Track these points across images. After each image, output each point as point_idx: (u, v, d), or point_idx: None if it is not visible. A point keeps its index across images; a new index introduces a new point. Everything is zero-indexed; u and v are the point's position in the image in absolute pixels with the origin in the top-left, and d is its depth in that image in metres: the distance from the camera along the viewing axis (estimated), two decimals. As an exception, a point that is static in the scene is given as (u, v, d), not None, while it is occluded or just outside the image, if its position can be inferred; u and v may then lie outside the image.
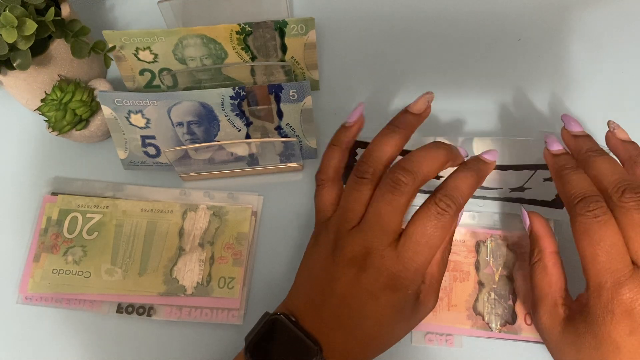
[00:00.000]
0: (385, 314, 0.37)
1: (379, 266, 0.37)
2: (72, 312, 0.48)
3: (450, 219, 0.37)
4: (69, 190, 0.52)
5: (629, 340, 0.34)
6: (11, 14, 0.42)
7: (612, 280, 0.34)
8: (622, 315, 0.34)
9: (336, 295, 0.38)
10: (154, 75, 0.53)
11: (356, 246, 0.38)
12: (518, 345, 0.45)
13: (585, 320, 0.36)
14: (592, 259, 0.35)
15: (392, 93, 0.56)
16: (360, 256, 0.37)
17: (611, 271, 0.35)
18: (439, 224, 0.37)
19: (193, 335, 0.47)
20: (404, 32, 0.59)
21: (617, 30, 0.58)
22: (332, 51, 0.58)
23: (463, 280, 0.46)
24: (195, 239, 0.49)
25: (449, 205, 0.37)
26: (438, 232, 0.37)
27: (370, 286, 0.37)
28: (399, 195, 0.37)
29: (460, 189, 0.38)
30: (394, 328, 0.39)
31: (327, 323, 0.38)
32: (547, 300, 0.39)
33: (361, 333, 0.38)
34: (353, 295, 0.37)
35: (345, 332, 0.37)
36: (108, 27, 0.60)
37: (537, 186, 0.46)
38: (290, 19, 0.49)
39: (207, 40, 0.50)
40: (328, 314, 0.38)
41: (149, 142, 0.50)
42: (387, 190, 0.37)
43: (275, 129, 0.50)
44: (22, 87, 0.50)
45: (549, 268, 0.39)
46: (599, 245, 0.35)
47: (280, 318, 0.38)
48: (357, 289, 0.37)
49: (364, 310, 0.37)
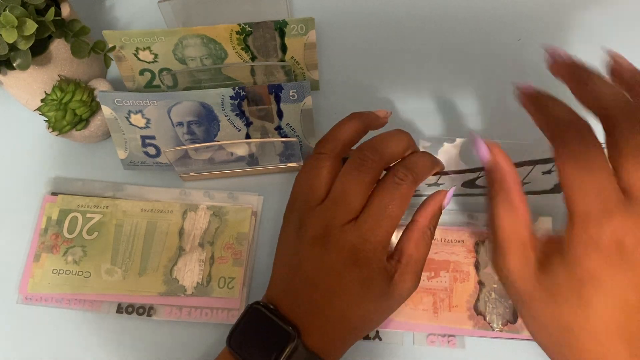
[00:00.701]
0: (352, 291, 0.37)
1: (341, 242, 0.37)
2: (72, 312, 0.47)
3: (408, 188, 0.37)
4: (69, 190, 0.52)
5: (617, 278, 0.30)
6: (11, 14, 0.42)
7: (600, 209, 0.30)
8: (610, 249, 0.30)
9: (306, 277, 0.38)
10: (154, 75, 0.53)
11: (319, 224, 0.38)
12: (520, 345, 0.45)
13: (564, 260, 0.32)
14: (579, 186, 0.31)
15: (391, 93, 0.56)
16: (324, 234, 0.37)
17: (600, 199, 0.30)
18: (396, 193, 0.37)
19: (193, 335, 0.46)
20: (404, 33, 0.59)
21: (617, 30, 0.58)
22: (332, 51, 0.58)
23: (463, 280, 0.46)
24: (195, 239, 0.49)
25: (406, 174, 0.37)
26: (396, 202, 0.37)
27: (334, 263, 0.37)
28: (365, 172, 0.38)
29: (418, 164, 0.39)
30: (366, 308, 0.38)
31: (302, 306, 0.38)
32: (515, 243, 0.34)
33: (333, 313, 0.37)
34: (320, 275, 0.37)
35: (319, 313, 0.37)
36: (108, 27, 0.60)
37: (536, 180, 0.45)
38: (290, 19, 0.49)
39: (207, 40, 0.49)
40: (302, 296, 0.38)
41: (149, 142, 0.50)
42: (354, 167, 0.38)
43: (275, 129, 0.50)
44: (22, 87, 0.50)
45: (516, 204, 0.35)
46: (586, 170, 0.31)
47: (257, 307, 0.38)
48: (323, 268, 0.37)
49: (332, 288, 0.37)
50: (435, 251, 0.47)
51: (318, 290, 0.37)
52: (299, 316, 0.38)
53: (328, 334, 0.38)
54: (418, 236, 0.40)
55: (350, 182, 0.38)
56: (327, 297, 0.37)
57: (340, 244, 0.37)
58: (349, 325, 0.38)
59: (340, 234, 0.37)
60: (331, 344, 0.38)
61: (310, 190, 0.39)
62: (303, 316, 0.38)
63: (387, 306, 0.40)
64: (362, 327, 0.39)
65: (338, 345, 0.39)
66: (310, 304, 0.38)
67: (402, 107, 0.55)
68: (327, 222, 0.38)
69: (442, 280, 0.46)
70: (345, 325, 0.38)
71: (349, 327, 0.38)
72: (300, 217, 0.39)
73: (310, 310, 0.38)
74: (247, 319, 0.38)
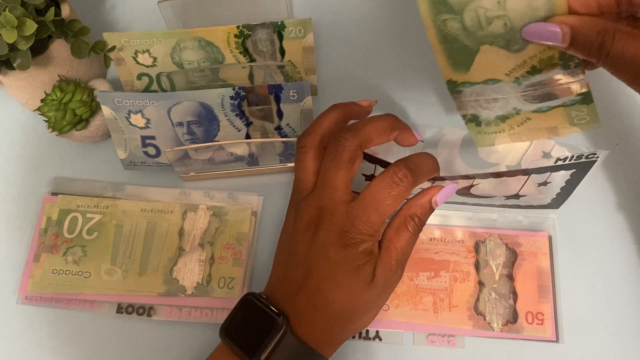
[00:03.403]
0: (338, 273, 0.37)
1: (329, 223, 0.38)
2: (72, 312, 0.47)
3: (404, 189, 0.38)
4: (69, 190, 0.52)
5: None
6: (11, 14, 0.42)
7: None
8: None
9: (298, 261, 0.39)
10: (151, 80, 0.53)
11: (311, 210, 0.39)
12: (520, 345, 0.45)
13: None
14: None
15: (390, 96, 0.55)
16: (316, 216, 0.39)
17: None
18: (392, 192, 0.37)
19: (193, 335, 0.46)
20: (403, 34, 0.59)
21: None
22: (330, 55, 0.58)
23: (463, 280, 0.46)
24: (195, 239, 0.49)
25: (406, 176, 0.38)
26: (389, 200, 0.37)
27: (322, 244, 0.38)
28: (342, 151, 0.38)
29: (420, 167, 0.39)
30: (353, 293, 0.38)
31: (293, 293, 0.39)
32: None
33: (320, 297, 0.38)
34: (310, 257, 0.38)
35: (308, 301, 0.38)
36: (108, 27, 0.60)
37: (532, 192, 0.45)
38: (289, 20, 0.49)
39: (205, 43, 0.50)
40: (293, 283, 0.39)
41: (149, 142, 0.50)
42: (331, 149, 0.39)
43: (275, 129, 0.50)
44: (22, 87, 0.50)
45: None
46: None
47: (250, 297, 0.39)
48: (312, 250, 0.38)
49: (319, 271, 0.38)
50: (435, 251, 0.47)
51: (308, 273, 0.38)
52: (289, 304, 0.38)
53: (317, 322, 0.38)
54: (399, 223, 0.40)
55: (330, 164, 0.39)
56: (316, 280, 0.38)
57: (330, 226, 0.38)
58: (337, 313, 0.38)
59: (330, 216, 0.38)
60: (321, 334, 0.38)
61: (299, 183, 0.41)
62: (294, 304, 0.38)
63: (372, 293, 0.39)
64: (351, 317, 0.39)
65: (328, 337, 0.39)
66: (299, 290, 0.38)
67: (401, 111, 0.55)
68: (318, 205, 0.39)
69: (442, 280, 0.46)
70: (334, 314, 0.38)
71: (337, 316, 0.38)
72: (296, 208, 0.40)
73: (300, 299, 0.38)
74: (239, 309, 0.39)
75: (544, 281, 0.46)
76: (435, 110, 0.54)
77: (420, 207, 0.40)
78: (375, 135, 0.40)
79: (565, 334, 0.45)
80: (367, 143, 0.40)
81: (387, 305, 0.46)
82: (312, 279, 0.38)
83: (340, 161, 0.38)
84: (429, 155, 0.40)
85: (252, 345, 0.37)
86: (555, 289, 0.46)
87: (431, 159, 0.40)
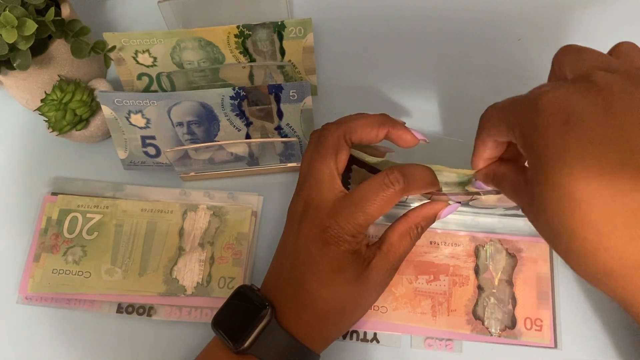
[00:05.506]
0: (322, 270, 0.38)
1: (314, 217, 0.38)
2: (72, 312, 0.48)
3: (394, 194, 0.37)
4: (69, 190, 0.52)
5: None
6: (11, 14, 0.42)
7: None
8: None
9: (285, 254, 0.40)
10: (151, 80, 0.53)
11: (299, 202, 0.40)
12: (518, 350, 0.45)
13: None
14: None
15: (390, 97, 0.55)
16: (301, 211, 0.39)
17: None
18: (381, 194, 0.37)
19: (193, 335, 0.47)
20: (403, 34, 0.59)
21: (617, 31, 0.57)
22: (330, 55, 0.58)
23: (462, 284, 0.46)
24: (195, 239, 0.49)
25: (398, 180, 0.37)
26: (378, 202, 0.37)
27: (305, 238, 0.38)
28: (324, 140, 0.39)
29: (414, 175, 0.38)
30: (337, 290, 0.38)
31: (280, 285, 0.39)
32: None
33: (305, 292, 0.38)
34: (295, 250, 0.39)
35: (293, 293, 0.39)
36: (108, 27, 0.60)
37: None
38: (289, 20, 0.48)
39: (205, 43, 0.49)
40: (281, 276, 0.40)
41: (149, 142, 0.50)
42: (314, 139, 0.40)
43: (275, 129, 0.50)
44: (22, 87, 0.50)
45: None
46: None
47: (241, 289, 0.40)
48: (297, 244, 0.39)
49: (304, 265, 0.38)
50: (435, 254, 0.47)
51: (295, 268, 0.39)
52: (277, 296, 0.39)
53: (302, 315, 0.38)
54: (404, 229, 0.40)
55: (313, 156, 0.40)
56: (300, 274, 0.38)
57: (314, 220, 0.38)
58: (324, 310, 0.38)
59: (315, 211, 0.38)
60: (309, 328, 0.38)
61: (299, 174, 0.42)
62: (281, 296, 0.39)
63: (362, 293, 0.39)
64: (337, 314, 0.39)
65: (316, 332, 0.39)
66: (287, 284, 0.39)
67: (402, 109, 0.55)
68: (305, 197, 0.39)
69: (441, 284, 0.46)
70: (321, 310, 0.38)
71: (324, 312, 0.39)
72: (293, 202, 0.41)
73: (287, 292, 0.39)
74: (230, 300, 0.40)
75: (543, 287, 0.46)
76: (435, 112, 0.54)
77: (426, 219, 0.41)
78: (360, 127, 0.40)
79: (564, 341, 0.45)
80: (351, 134, 0.39)
81: (385, 308, 0.46)
82: (297, 273, 0.39)
83: (323, 148, 0.39)
84: (427, 168, 0.40)
85: (236, 334, 0.38)
86: (554, 296, 0.46)
87: (428, 172, 0.40)
